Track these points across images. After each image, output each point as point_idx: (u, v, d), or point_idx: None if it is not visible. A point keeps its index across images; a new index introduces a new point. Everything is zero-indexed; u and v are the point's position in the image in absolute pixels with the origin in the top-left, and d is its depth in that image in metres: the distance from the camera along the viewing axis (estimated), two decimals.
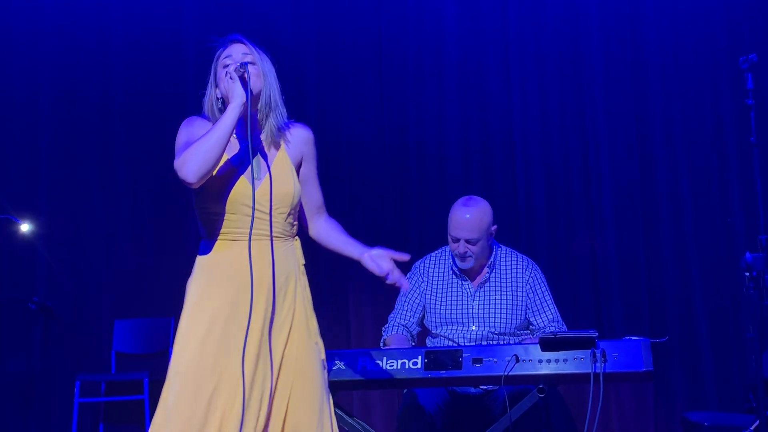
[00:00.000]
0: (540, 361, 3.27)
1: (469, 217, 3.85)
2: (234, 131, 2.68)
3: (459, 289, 3.96)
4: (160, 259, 6.01)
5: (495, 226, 3.95)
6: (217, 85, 2.77)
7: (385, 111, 5.93)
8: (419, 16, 5.97)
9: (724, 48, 5.56)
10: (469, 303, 3.93)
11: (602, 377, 3.16)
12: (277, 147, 2.78)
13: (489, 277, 3.95)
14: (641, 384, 5.18)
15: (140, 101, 6.17)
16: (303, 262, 2.79)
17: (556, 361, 3.25)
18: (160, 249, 6.01)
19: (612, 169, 5.60)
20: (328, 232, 2.91)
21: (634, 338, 3.30)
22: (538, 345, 3.28)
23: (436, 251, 4.12)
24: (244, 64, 2.68)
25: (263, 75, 2.74)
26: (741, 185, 5.40)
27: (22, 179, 6.11)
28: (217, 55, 2.81)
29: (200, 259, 2.76)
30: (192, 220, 5.84)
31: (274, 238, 2.69)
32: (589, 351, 3.21)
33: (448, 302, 3.96)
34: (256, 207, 2.66)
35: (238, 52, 2.75)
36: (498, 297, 3.92)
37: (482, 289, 3.94)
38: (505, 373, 3.25)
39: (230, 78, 2.67)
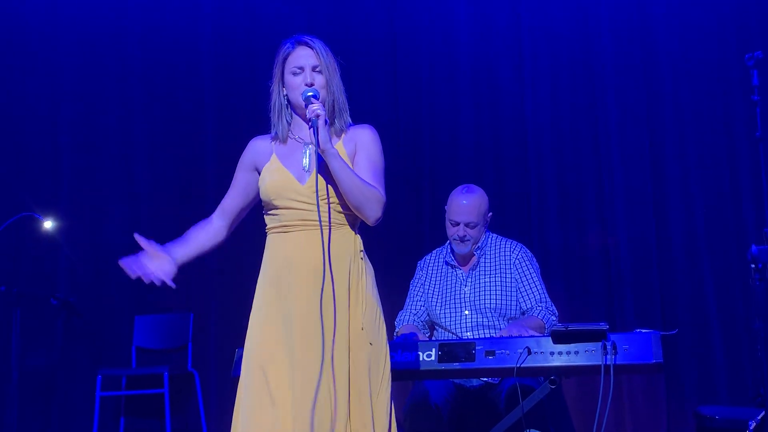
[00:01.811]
0: (551, 353, 3.32)
1: (468, 201, 4.05)
2: (296, 136, 2.85)
3: (452, 277, 4.12)
4: None
5: (491, 213, 4.14)
6: (284, 85, 2.88)
7: (400, 112, 6.00)
8: (432, 18, 6.02)
9: (733, 46, 5.56)
10: (461, 288, 4.07)
11: (613, 369, 3.21)
12: (335, 144, 2.83)
13: (479, 261, 4.09)
14: (653, 378, 5.23)
15: (160, 98, 6.24)
16: (360, 248, 2.84)
17: (568, 353, 3.31)
18: None
19: (623, 164, 5.63)
20: None
21: (644, 331, 3.36)
22: (550, 337, 3.35)
23: (438, 248, 4.29)
24: (313, 98, 2.77)
25: (327, 85, 2.83)
26: (751, 180, 5.41)
27: (44, 177, 6.19)
28: (283, 54, 2.89)
29: (264, 255, 2.87)
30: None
31: (323, 227, 2.73)
32: (600, 343, 3.26)
33: (442, 291, 4.11)
34: (303, 199, 2.77)
35: (306, 61, 2.83)
36: (488, 279, 4.05)
37: (473, 274, 4.09)
38: (518, 365, 3.31)
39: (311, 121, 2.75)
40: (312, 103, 2.76)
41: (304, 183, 2.79)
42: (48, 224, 5.75)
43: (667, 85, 5.67)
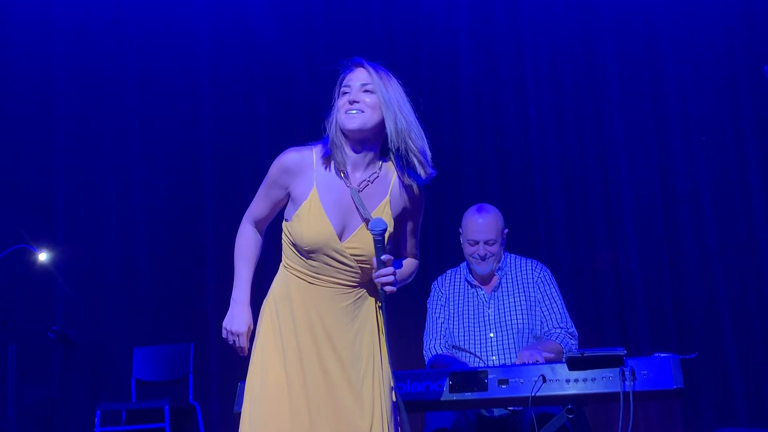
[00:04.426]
0: (567, 381, 3.20)
1: (484, 220, 4.00)
2: (343, 168, 2.64)
3: (474, 298, 4.03)
4: (178, 285, 6.01)
5: (507, 230, 4.07)
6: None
7: None
8: (431, 26, 5.95)
9: (741, 53, 5.49)
10: (485, 310, 3.98)
11: (632, 396, 3.09)
12: (385, 192, 2.67)
13: (500, 282, 4.01)
14: (669, 401, 5.10)
15: (156, 127, 6.21)
16: (380, 304, 2.68)
17: (584, 380, 3.18)
18: (179, 275, 6.01)
19: (631, 181, 5.54)
20: None
21: (663, 355, 3.23)
22: (565, 364, 3.22)
23: (453, 268, 4.19)
24: (377, 235, 2.58)
25: (381, 105, 2.61)
26: (763, 195, 5.32)
27: (39, 208, 6.14)
28: (340, 78, 2.70)
29: (275, 287, 2.73)
30: (210, 246, 5.91)
31: (350, 287, 2.65)
32: (618, 369, 3.14)
33: (465, 312, 4.01)
34: (337, 257, 2.61)
35: (357, 81, 2.64)
36: (512, 300, 3.97)
37: (496, 295, 4.00)
38: (533, 394, 3.19)
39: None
40: (382, 261, 2.59)
41: (344, 241, 2.62)
42: (43, 256, 5.71)
43: (673, 98, 5.59)
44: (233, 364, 5.69)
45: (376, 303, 2.70)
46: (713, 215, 5.44)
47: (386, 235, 2.59)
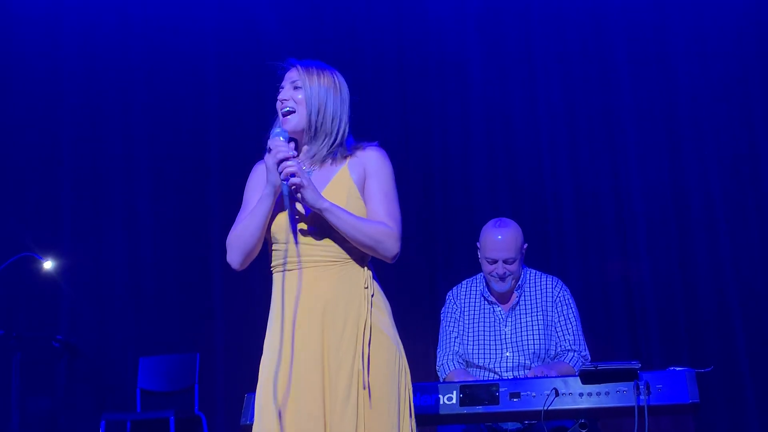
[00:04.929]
0: (581, 395, 3.14)
1: (504, 236, 3.84)
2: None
3: (491, 314, 3.91)
4: (184, 295, 5.97)
5: (526, 245, 3.93)
6: None
7: (409, 135, 5.87)
8: (440, 33, 5.92)
9: (753, 57, 5.44)
10: (501, 328, 3.87)
11: (647, 410, 3.04)
12: (338, 169, 2.66)
13: (519, 300, 3.89)
14: (682, 415, 5.02)
15: (163, 133, 6.19)
16: (366, 286, 2.62)
17: (598, 394, 3.14)
18: (185, 285, 5.97)
19: (643, 191, 5.49)
20: None
21: (678, 369, 3.19)
22: (578, 377, 3.16)
23: (469, 279, 4.07)
24: (283, 139, 2.61)
25: (306, 101, 2.67)
26: None
27: (45, 216, 6.12)
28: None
29: (272, 294, 2.69)
30: (217, 256, 5.87)
31: (329, 263, 2.59)
32: (632, 383, 3.10)
33: (481, 329, 3.90)
34: (300, 235, 2.59)
35: (288, 83, 2.72)
36: (529, 319, 3.86)
37: (513, 313, 3.89)
38: (545, 408, 3.13)
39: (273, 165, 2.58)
40: (278, 148, 2.57)
41: (307, 215, 2.61)
42: (48, 264, 5.67)
43: (684, 107, 5.53)
44: (240, 374, 5.64)
45: (364, 282, 2.62)
46: (726, 227, 5.38)
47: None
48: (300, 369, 2.53)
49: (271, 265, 2.68)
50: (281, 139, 2.61)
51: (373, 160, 2.69)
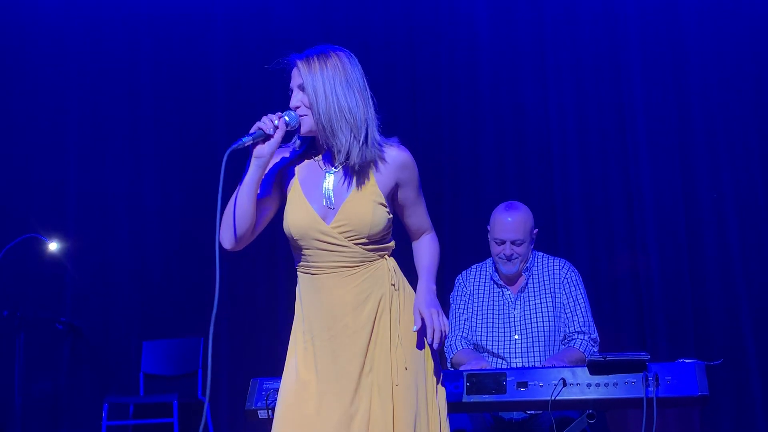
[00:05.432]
0: (588, 385, 3.11)
1: (513, 218, 3.87)
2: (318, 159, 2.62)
3: (500, 297, 3.92)
4: (189, 278, 5.94)
5: (536, 230, 3.95)
6: None
7: (418, 123, 5.83)
8: (452, 23, 5.86)
9: (766, 60, 5.38)
10: (510, 311, 3.88)
11: (655, 402, 3.00)
12: (364, 172, 2.58)
13: (527, 283, 3.90)
14: (688, 408, 5.00)
15: (169, 118, 6.17)
16: (393, 282, 2.61)
17: (606, 385, 3.10)
18: (190, 269, 5.94)
19: (653, 183, 5.43)
20: (415, 254, 2.83)
21: (687, 361, 3.15)
22: (587, 368, 3.13)
23: (479, 263, 4.07)
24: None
25: (311, 103, 2.55)
26: None
27: (50, 198, 6.12)
28: None
29: (297, 293, 2.69)
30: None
31: (352, 267, 2.57)
32: (641, 374, 3.06)
33: (490, 312, 3.91)
34: (329, 240, 2.55)
35: (295, 86, 2.61)
36: (538, 301, 3.87)
37: (522, 296, 3.89)
38: (552, 398, 3.09)
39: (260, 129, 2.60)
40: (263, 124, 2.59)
41: (329, 222, 2.56)
42: (53, 246, 5.67)
43: (697, 100, 5.48)
44: (244, 359, 5.63)
45: (389, 279, 2.61)
46: (736, 220, 5.33)
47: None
48: (337, 370, 2.55)
49: (297, 264, 2.67)
50: (286, 118, 2.57)
51: (406, 169, 2.64)
